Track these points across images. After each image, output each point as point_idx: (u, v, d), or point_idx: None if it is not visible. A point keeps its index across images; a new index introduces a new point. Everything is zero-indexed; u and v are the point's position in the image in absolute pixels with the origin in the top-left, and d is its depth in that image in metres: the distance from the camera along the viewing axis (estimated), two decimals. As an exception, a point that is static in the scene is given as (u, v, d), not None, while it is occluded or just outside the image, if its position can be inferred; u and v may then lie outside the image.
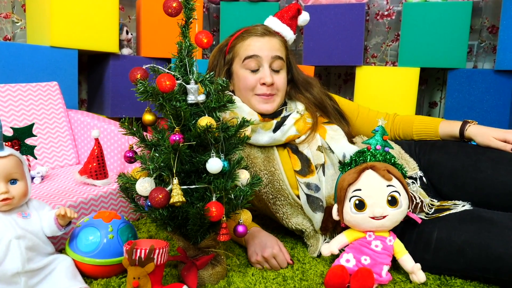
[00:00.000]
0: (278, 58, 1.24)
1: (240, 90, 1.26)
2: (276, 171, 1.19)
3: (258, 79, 1.23)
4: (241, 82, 1.25)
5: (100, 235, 1.00)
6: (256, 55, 1.22)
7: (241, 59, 1.24)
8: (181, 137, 0.89)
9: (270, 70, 1.23)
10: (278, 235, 1.32)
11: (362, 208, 1.04)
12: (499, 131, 1.17)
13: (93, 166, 1.29)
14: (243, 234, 0.97)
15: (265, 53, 1.23)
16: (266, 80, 1.21)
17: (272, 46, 1.24)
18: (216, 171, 0.90)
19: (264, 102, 1.24)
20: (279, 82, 1.25)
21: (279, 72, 1.26)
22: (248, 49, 1.24)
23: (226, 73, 1.29)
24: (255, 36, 1.25)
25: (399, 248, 1.07)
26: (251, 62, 1.23)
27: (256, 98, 1.24)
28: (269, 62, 1.23)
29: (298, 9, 1.32)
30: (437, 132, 1.28)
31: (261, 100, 1.24)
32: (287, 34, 1.30)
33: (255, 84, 1.23)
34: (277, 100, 1.26)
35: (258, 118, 1.22)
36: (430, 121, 1.31)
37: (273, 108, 1.25)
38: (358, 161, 1.12)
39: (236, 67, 1.27)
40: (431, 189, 1.21)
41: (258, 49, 1.23)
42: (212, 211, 0.89)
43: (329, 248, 1.08)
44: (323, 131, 1.24)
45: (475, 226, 1.02)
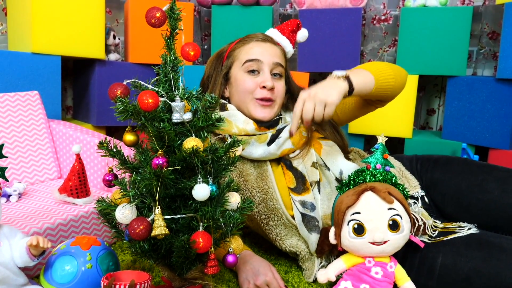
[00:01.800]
0: (279, 65, 1.21)
1: (239, 94, 1.20)
2: (270, 189, 1.12)
3: (258, 82, 1.18)
4: (239, 85, 1.19)
5: (77, 264, 0.92)
6: (257, 59, 1.18)
7: (241, 62, 1.20)
8: (164, 161, 0.81)
9: (270, 75, 1.19)
10: (271, 256, 1.25)
11: (361, 232, 0.97)
12: None
13: (74, 183, 1.21)
14: (233, 264, 0.90)
15: (267, 58, 1.19)
16: (266, 83, 1.16)
17: (273, 52, 1.21)
18: (203, 198, 0.82)
19: (262, 107, 1.18)
20: (279, 88, 1.20)
21: (280, 78, 1.22)
22: (250, 53, 1.20)
23: (223, 77, 1.23)
24: (257, 40, 1.22)
25: (400, 274, 1.00)
26: (252, 65, 1.18)
27: (254, 103, 1.18)
28: (270, 67, 1.19)
29: (298, 24, 1.31)
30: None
31: (259, 106, 1.18)
32: (286, 45, 1.28)
33: (255, 88, 1.18)
34: (275, 108, 1.20)
35: (253, 127, 1.16)
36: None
37: (271, 116, 1.19)
38: (357, 181, 1.04)
39: (235, 70, 1.21)
40: (433, 209, 1.15)
41: (260, 53, 1.19)
42: (198, 242, 0.81)
43: (325, 275, 1.01)
44: (319, 147, 1.17)
45: (483, 253, 0.95)
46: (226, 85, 1.24)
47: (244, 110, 1.19)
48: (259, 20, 2.10)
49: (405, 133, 2.03)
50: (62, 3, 1.69)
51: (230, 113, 1.18)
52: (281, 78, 1.22)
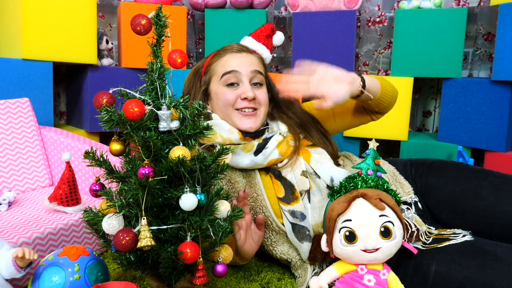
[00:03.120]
0: (258, 72, 1.18)
1: (220, 108, 1.18)
2: (259, 196, 1.10)
3: (238, 94, 1.15)
4: (220, 99, 1.17)
5: (65, 275, 0.91)
6: (234, 70, 1.16)
7: (219, 76, 1.17)
8: (151, 171, 0.80)
9: (250, 85, 1.16)
10: (265, 263, 1.23)
11: (353, 240, 0.96)
12: None
13: (64, 191, 1.20)
14: (222, 274, 0.88)
15: (244, 68, 1.16)
16: (247, 94, 1.14)
17: (250, 61, 1.18)
18: (190, 208, 0.81)
19: (246, 118, 1.15)
20: (261, 96, 1.18)
21: (260, 87, 1.19)
22: (226, 65, 1.17)
23: (203, 94, 1.21)
24: (231, 52, 1.19)
25: (394, 282, 0.98)
26: (230, 78, 1.16)
27: (236, 114, 1.16)
28: (249, 77, 1.17)
29: (272, 28, 1.29)
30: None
31: (242, 116, 1.15)
32: (263, 52, 1.26)
33: (235, 100, 1.16)
34: (260, 116, 1.17)
35: (238, 136, 1.14)
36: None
37: (256, 126, 1.16)
38: (348, 187, 1.03)
39: (213, 85, 1.19)
40: (428, 215, 1.13)
41: (237, 64, 1.16)
42: (186, 253, 0.79)
43: (318, 283, 0.99)
44: (307, 155, 1.15)
45: (477, 261, 0.94)
46: (207, 100, 1.22)
47: (229, 122, 1.17)
48: (253, 23, 2.09)
49: (400, 135, 2.02)
50: (53, 8, 1.68)
51: (215, 122, 1.16)
52: (262, 86, 1.20)
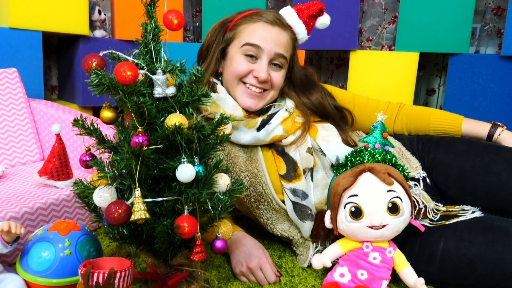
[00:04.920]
0: (281, 56, 1.06)
1: (229, 74, 1.08)
2: (259, 172, 1.05)
3: (251, 69, 1.05)
4: (233, 66, 1.07)
5: (55, 251, 0.86)
6: (258, 46, 1.04)
7: (241, 42, 1.06)
8: (145, 139, 0.74)
9: (268, 66, 1.06)
10: (264, 241, 1.19)
11: (359, 216, 0.91)
12: None
13: (54, 165, 1.14)
14: (221, 250, 0.84)
15: (269, 47, 1.04)
16: (260, 75, 1.04)
17: (279, 40, 1.05)
18: (188, 179, 0.75)
19: (249, 96, 1.07)
20: (276, 79, 1.07)
21: (279, 69, 1.08)
22: (252, 35, 1.05)
23: (220, 52, 1.10)
24: (264, 22, 1.06)
25: (400, 260, 0.94)
26: (251, 50, 1.05)
27: (241, 88, 1.07)
28: (270, 57, 1.05)
29: (321, 8, 1.12)
30: (460, 130, 1.14)
31: (246, 93, 1.06)
32: (300, 31, 1.11)
33: (247, 73, 1.06)
34: (266, 99, 1.09)
35: (242, 114, 1.06)
36: (451, 117, 1.16)
37: (257, 107, 1.08)
38: (354, 161, 0.98)
39: (232, 49, 1.08)
40: (435, 191, 1.09)
41: (263, 38, 1.04)
42: (183, 227, 0.74)
43: (320, 260, 0.95)
44: (314, 131, 1.09)
45: (487, 238, 0.89)
46: (223, 60, 1.12)
47: (232, 92, 1.09)
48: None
49: (404, 113, 1.96)
50: (42, -25, 1.59)
51: (220, 96, 1.08)
52: (281, 69, 1.09)
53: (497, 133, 1.10)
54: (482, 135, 1.11)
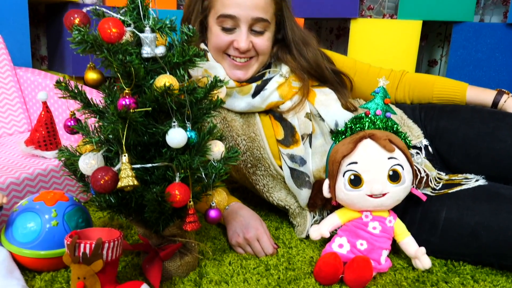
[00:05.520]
0: (261, 20, 0.98)
1: (211, 49, 1.03)
2: (257, 137, 1.01)
3: (231, 41, 0.99)
4: (213, 40, 1.01)
5: (41, 222, 0.82)
6: (233, 16, 0.97)
7: (216, 13, 0.99)
8: (132, 102, 0.70)
9: (248, 33, 0.98)
10: (261, 212, 1.16)
11: (358, 184, 0.88)
12: None
13: (42, 134, 1.09)
14: (216, 219, 0.80)
15: (245, 13, 0.96)
16: (240, 45, 0.97)
17: (255, 3, 0.96)
18: (179, 145, 0.71)
19: (236, 68, 1.01)
20: (260, 44, 1.00)
21: (262, 34, 1.01)
22: (225, 5, 0.97)
23: (200, 24, 1.04)
24: None
25: (400, 229, 0.91)
26: (226, 22, 0.98)
27: (227, 61, 1.01)
28: (248, 24, 0.98)
29: None
30: (464, 98, 1.09)
31: (232, 65, 1.01)
32: None
33: (228, 46, 1.00)
34: (253, 67, 1.03)
35: (234, 84, 1.01)
36: (455, 84, 1.12)
37: (247, 77, 1.02)
38: (354, 128, 0.94)
39: (211, 21, 1.01)
40: (438, 160, 1.05)
41: (237, 5, 0.96)
42: (174, 195, 0.71)
43: (318, 231, 0.92)
44: (312, 95, 1.04)
45: (491, 206, 0.86)
46: (205, 33, 1.05)
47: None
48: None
49: (404, 85, 1.90)
50: None
51: (211, 64, 1.02)
52: (263, 34, 1.01)
53: (502, 100, 1.05)
54: (487, 102, 1.07)
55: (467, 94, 1.08)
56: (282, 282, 0.84)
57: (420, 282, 0.85)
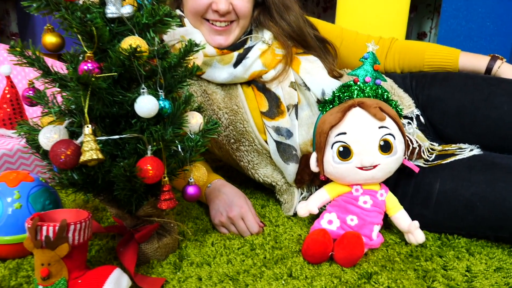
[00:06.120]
0: None
1: (188, 15, 0.96)
2: (240, 109, 0.94)
3: (209, 3, 0.92)
4: (189, 3, 0.94)
5: (2, 205, 0.75)
6: None
7: None
8: (95, 66, 0.62)
9: None
10: (247, 190, 1.10)
11: (348, 156, 0.82)
12: None
13: (6, 112, 1.01)
14: (194, 197, 0.74)
15: None
16: (219, 7, 0.90)
17: None
18: (149, 114, 0.64)
19: (216, 33, 0.94)
20: (241, 7, 0.93)
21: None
22: None
23: None
24: None
25: (392, 203, 0.87)
26: None
27: (206, 26, 0.94)
28: None
29: None
30: (457, 65, 1.04)
31: (211, 31, 0.94)
32: None
33: (205, 9, 0.93)
34: (235, 32, 0.96)
35: (214, 50, 0.94)
36: (447, 51, 1.06)
37: (228, 43, 0.96)
38: (342, 97, 0.88)
39: None
40: (430, 130, 1.00)
41: None
42: (146, 170, 0.64)
43: (306, 207, 0.87)
44: (297, 63, 0.97)
45: (487, 176, 0.82)
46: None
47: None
48: None
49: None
50: None
51: (188, 30, 0.95)
52: None
53: (496, 66, 1.00)
54: (480, 68, 1.02)
55: (459, 60, 1.03)
56: (268, 262, 0.78)
57: (413, 257, 0.81)
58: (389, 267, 0.77)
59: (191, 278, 0.74)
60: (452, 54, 1.04)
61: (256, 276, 0.74)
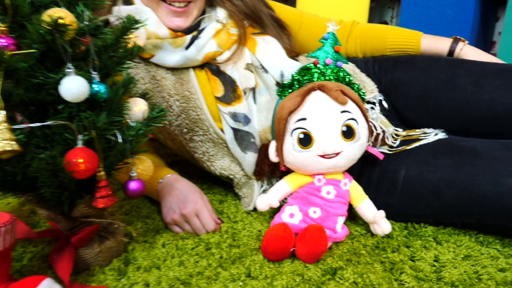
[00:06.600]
0: None
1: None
2: (192, 95, 0.87)
3: None
4: None
5: None
6: None
7: None
8: (11, 42, 0.53)
9: None
10: (204, 185, 1.03)
11: (309, 144, 0.76)
12: (493, 58, 0.94)
13: None
14: (137, 193, 0.66)
15: None
16: None
17: None
18: (77, 97, 0.56)
19: (174, 15, 0.87)
20: None
21: None
22: None
23: None
24: None
25: (356, 193, 0.81)
26: None
27: (163, 8, 0.86)
28: None
29: None
30: (419, 48, 1.00)
31: (169, 12, 0.86)
32: None
33: None
34: (193, 13, 0.89)
35: (167, 31, 0.86)
36: (409, 34, 1.02)
37: (187, 24, 0.89)
38: (302, 81, 0.81)
39: None
40: (394, 116, 0.96)
41: None
42: (76, 163, 0.55)
43: (266, 201, 0.80)
44: (253, 44, 0.91)
45: (453, 160, 0.78)
46: None
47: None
48: None
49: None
50: None
51: (138, 8, 0.86)
52: None
53: (458, 48, 0.97)
54: (442, 50, 0.99)
55: (421, 43, 0.99)
56: (225, 262, 0.71)
57: (380, 249, 0.76)
58: (354, 261, 0.72)
59: (137, 285, 0.65)
60: (414, 37, 1.00)
61: (210, 279, 0.67)
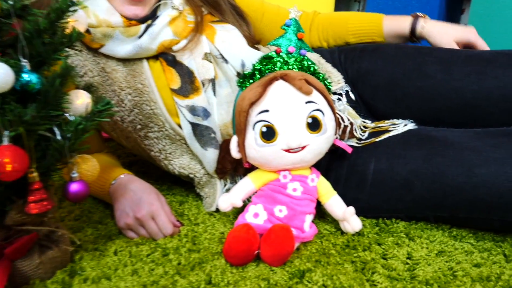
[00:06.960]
0: None
1: None
2: (145, 88, 0.80)
3: None
4: None
5: None
6: None
7: None
8: None
9: None
10: (163, 186, 0.96)
11: (272, 137, 0.71)
12: (460, 29, 0.93)
13: None
14: (79, 196, 0.59)
15: None
16: None
17: None
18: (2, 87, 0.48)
19: (130, 3, 0.81)
20: None
21: None
22: None
23: None
24: None
25: (324, 189, 0.77)
26: None
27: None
28: None
29: None
30: (381, 30, 0.98)
31: (126, 1, 0.80)
32: None
33: None
34: (151, 2, 0.83)
35: (120, 19, 0.80)
36: (370, 17, 1.00)
37: (145, 12, 0.82)
38: (263, 70, 0.76)
39: None
40: (362, 107, 0.92)
41: None
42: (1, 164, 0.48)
43: (229, 200, 0.74)
44: (212, 32, 0.85)
45: (424, 151, 0.75)
46: None
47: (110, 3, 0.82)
48: None
49: (321, 43, 1.79)
50: None
51: None
52: None
53: (419, 26, 0.95)
54: (404, 29, 0.97)
55: (383, 24, 0.97)
56: (183, 269, 0.65)
57: (350, 248, 0.71)
58: (324, 262, 0.67)
59: (82, 299, 0.58)
60: (375, 19, 0.99)
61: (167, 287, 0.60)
